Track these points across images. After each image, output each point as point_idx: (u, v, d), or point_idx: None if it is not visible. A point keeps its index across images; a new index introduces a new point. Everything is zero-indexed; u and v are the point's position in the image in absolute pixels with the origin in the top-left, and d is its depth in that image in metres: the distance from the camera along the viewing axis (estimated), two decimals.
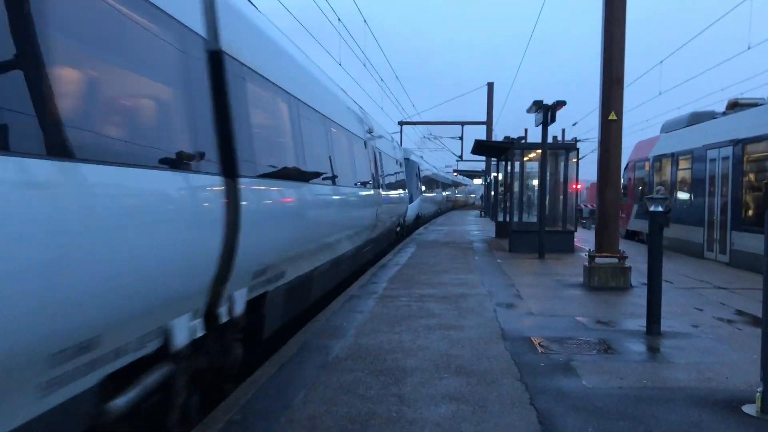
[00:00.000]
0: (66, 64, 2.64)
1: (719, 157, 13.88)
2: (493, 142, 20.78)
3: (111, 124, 2.98)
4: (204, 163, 3.85)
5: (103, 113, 2.93)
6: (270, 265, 5.31)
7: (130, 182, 2.95)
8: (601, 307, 8.19)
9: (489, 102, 39.13)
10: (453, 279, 10.54)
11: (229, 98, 4.38)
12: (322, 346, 5.93)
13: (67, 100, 2.60)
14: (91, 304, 2.64)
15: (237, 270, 4.31)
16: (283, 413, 4.13)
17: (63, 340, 2.49)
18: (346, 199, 8.91)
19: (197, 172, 3.74)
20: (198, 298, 3.88)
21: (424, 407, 4.27)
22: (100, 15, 2.91)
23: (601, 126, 10.48)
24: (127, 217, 2.88)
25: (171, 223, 3.32)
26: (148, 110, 3.38)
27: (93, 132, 2.75)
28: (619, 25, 10.30)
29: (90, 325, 2.66)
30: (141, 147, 3.16)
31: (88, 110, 2.78)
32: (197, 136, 3.83)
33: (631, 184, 20.21)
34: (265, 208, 5.08)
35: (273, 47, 5.94)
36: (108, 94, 3.00)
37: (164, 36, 3.50)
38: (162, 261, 3.20)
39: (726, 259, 13.29)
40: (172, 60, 3.59)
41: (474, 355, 5.63)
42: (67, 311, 2.47)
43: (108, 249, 2.70)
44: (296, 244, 6.09)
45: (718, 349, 5.93)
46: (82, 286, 2.54)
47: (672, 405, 4.35)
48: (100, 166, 2.72)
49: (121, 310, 2.89)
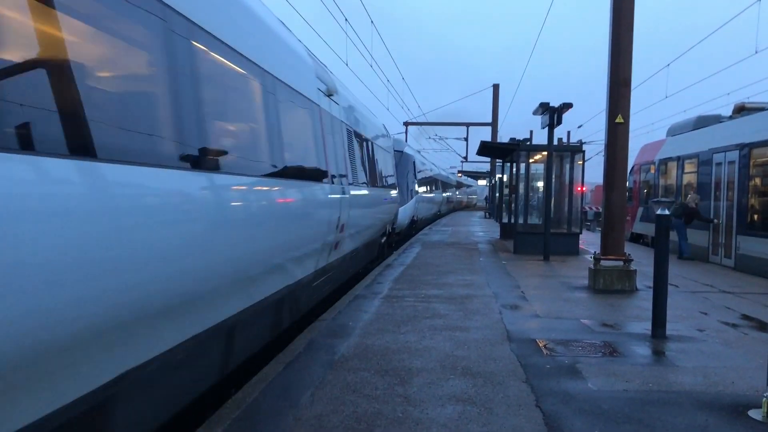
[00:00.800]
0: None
1: (725, 161, 13.86)
2: (498, 144, 20.77)
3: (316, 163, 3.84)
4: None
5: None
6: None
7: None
8: (607, 309, 8.19)
9: (494, 103, 39.11)
10: (458, 280, 10.55)
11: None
12: (328, 345, 5.95)
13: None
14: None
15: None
16: (291, 412, 4.16)
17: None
18: (260, 203, 4.78)
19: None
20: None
21: (431, 408, 4.28)
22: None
23: (608, 128, 10.47)
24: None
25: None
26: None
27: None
28: (627, 28, 10.30)
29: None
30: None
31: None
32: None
33: (637, 187, 20.18)
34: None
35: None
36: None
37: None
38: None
39: (731, 264, 13.26)
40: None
41: (480, 356, 5.64)
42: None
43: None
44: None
45: (723, 354, 5.93)
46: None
47: (678, 409, 4.36)
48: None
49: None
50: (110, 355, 2.83)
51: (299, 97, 6.38)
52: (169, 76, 3.44)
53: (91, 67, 2.73)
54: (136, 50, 3.18)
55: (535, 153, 17.33)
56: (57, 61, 2.47)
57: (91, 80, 2.72)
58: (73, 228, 2.41)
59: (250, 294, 4.72)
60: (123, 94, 3.04)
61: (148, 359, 3.18)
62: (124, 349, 2.95)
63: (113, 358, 2.87)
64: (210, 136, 3.91)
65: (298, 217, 5.81)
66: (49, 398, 2.44)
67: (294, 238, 5.74)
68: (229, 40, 4.35)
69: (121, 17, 3.00)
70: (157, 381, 3.39)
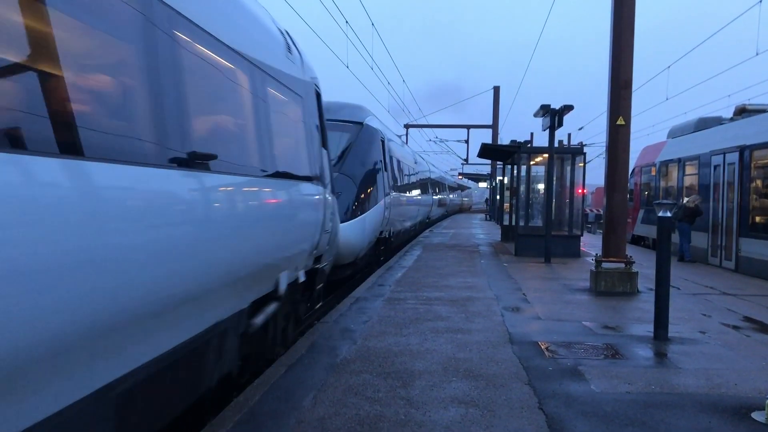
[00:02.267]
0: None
1: (725, 162, 13.86)
2: (499, 146, 20.78)
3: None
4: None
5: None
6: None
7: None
8: (608, 311, 8.18)
9: (495, 106, 39.17)
10: (460, 282, 10.54)
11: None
12: (330, 347, 5.95)
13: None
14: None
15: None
16: (293, 414, 4.15)
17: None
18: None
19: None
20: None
21: (433, 410, 4.28)
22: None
23: (609, 130, 10.48)
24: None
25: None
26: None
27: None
28: (628, 30, 10.31)
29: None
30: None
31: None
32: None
33: (638, 189, 20.20)
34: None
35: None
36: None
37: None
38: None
39: (732, 266, 13.26)
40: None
41: (482, 358, 5.64)
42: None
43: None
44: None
45: (726, 356, 5.92)
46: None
47: (681, 411, 4.35)
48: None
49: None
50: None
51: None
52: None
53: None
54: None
55: (536, 155, 17.34)
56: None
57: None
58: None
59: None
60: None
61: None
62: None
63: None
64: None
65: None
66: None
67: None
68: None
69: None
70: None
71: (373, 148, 13.19)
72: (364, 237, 11.88)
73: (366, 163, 12.69)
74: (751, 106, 14.93)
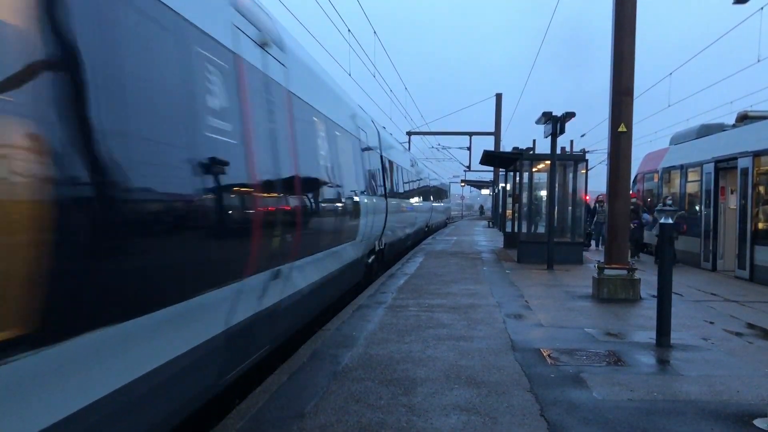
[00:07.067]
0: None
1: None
2: (501, 153, 20.80)
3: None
4: None
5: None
6: None
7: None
8: (611, 318, 8.17)
9: (497, 113, 39.21)
10: (462, 289, 10.54)
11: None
12: (332, 355, 5.95)
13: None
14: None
15: None
16: (295, 422, 4.16)
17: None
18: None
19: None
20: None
21: (435, 417, 4.28)
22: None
23: (611, 138, 10.49)
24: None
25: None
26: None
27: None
28: (629, 38, 10.33)
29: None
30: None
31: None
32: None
33: (640, 195, 20.17)
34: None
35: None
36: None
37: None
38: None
39: (746, 275, 13.22)
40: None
41: (484, 365, 5.64)
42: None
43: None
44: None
45: (728, 363, 5.91)
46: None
47: (683, 418, 4.34)
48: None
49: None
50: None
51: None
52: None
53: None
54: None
55: (538, 162, 17.34)
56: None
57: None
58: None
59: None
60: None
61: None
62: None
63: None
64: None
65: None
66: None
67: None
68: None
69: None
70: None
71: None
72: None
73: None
74: (753, 112, 14.93)
